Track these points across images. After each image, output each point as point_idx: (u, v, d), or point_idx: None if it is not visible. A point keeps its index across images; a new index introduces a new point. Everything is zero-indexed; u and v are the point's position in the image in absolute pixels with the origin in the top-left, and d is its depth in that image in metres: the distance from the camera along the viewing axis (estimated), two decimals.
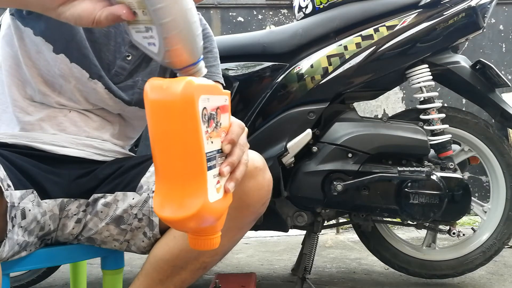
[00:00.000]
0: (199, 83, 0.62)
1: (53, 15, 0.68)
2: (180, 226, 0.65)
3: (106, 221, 0.94)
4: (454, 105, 2.75)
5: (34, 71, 0.94)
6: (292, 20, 3.19)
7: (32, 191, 0.86)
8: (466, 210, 1.55)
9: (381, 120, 1.58)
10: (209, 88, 0.65)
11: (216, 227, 0.68)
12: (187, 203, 0.61)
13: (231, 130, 0.70)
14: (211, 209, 0.63)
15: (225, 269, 2.01)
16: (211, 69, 1.06)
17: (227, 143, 0.68)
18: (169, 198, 0.62)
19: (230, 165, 0.68)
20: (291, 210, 1.59)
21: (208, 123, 0.63)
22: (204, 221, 0.64)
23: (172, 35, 0.63)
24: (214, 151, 0.65)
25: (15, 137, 0.94)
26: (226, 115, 0.70)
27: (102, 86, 0.96)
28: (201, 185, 0.62)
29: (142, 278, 0.94)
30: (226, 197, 0.68)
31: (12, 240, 0.80)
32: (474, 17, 1.52)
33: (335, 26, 1.54)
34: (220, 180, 0.67)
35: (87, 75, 0.94)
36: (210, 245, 0.68)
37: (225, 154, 0.69)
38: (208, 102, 0.63)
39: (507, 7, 3.24)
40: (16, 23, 0.93)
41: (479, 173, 3.05)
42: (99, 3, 0.66)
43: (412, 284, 1.79)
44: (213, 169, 0.65)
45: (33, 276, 1.72)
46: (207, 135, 0.63)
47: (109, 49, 0.96)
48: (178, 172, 0.62)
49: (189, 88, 0.60)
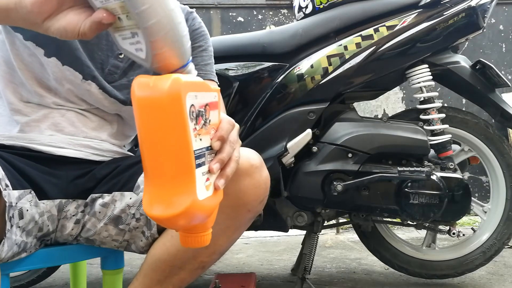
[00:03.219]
0: (186, 80, 0.62)
1: (41, 31, 0.68)
2: (170, 224, 0.65)
3: (104, 221, 0.94)
4: (454, 105, 2.74)
5: (28, 74, 0.94)
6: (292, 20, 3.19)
7: (30, 191, 0.86)
8: (466, 210, 1.55)
9: (381, 120, 1.58)
10: (196, 85, 0.65)
11: (206, 224, 0.68)
12: (175, 201, 0.61)
13: (221, 126, 0.69)
14: (201, 207, 0.63)
15: (225, 269, 2.01)
16: (206, 68, 1.05)
17: (216, 140, 0.67)
18: (157, 196, 0.62)
19: (220, 162, 0.67)
20: (291, 210, 1.59)
21: (196, 120, 0.63)
22: (193, 218, 0.63)
23: (158, 37, 0.62)
24: (203, 148, 0.65)
25: (12, 138, 0.94)
26: (216, 112, 0.69)
27: (96, 86, 0.96)
28: (189, 182, 0.62)
29: (140, 279, 0.94)
30: (217, 194, 0.68)
31: (11, 240, 0.80)
32: (474, 17, 1.52)
33: (335, 26, 1.54)
34: (209, 178, 0.66)
35: (80, 76, 0.94)
36: (201, 242, 0.68)
37: (215, 151, 0.68)
38: (196, 99, 0.63)
39: (507, 7, 3.24)
40: (7, 28, 0.92)
41: (479, 173, 3.05)
42: (83, 14, 0.65)
43: (412, 284, 1.78)
44: (202, 166, 0.64)
45: (33, 276, 1.72)
46: (195, 132, 0.63)
47: (101, 48, 0.96)
48: (166, 170, 0.62)
49: (176, 85, 0.60)
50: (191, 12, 1.08)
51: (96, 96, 0.97)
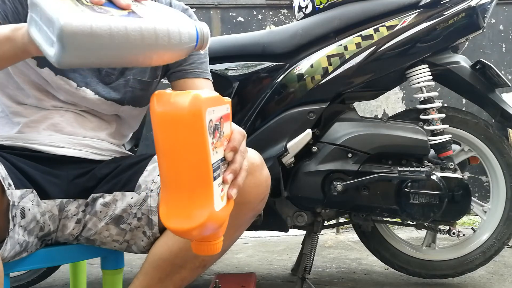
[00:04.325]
0: (205, 97, 0.63)
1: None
2: (186, 235, 0.66)
3: (105, 221, 0.94)
4: (454, 105, 2.74)
5: (25, 79, 0.94)
6: (292, 20, 3.19)
7: (32, 190, 0.86)
8: (466, 210, 1.55)
9: (381, 120, 1.57)
10: (214, 100, 0.66)
11: (218, 233, 0.69)
12: (194, 213, 0.62)
13: (233, 137, 0.71)
14: (217, 218, 0.64)
15: (225, 269, 2.01)
16: (202, 66, 1.06)
17: (230, 151, 0.69)
18: (176, 208, 0.63)
19: (233, 172, 0.69)
20: (291, 210, 1.59)
21: (213, 134, 0.64)
22: (209, 229, 0.65)
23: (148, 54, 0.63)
24: (218, 161, 0.66)
25: (12, 139, 0.94)
26: (228, 123, 0.71)
27: (92, 92, 0.96)
28: (208, 195, 0.63)
29: (141, 277, 0.94)
30: (229, 203, 0.70)
31: (13, 239, 0.80)
32: (474, 17, 1.52)
33: (335, 26, 1.54)
34: (223, 188, 0.68)
35: (74, 84, 0.95)
36: (213, 250, 0.69)
37: (228, 161, 0.70)
38: (213, 113, 0.64)
39: (507, 7, 3.24)
40: None
41: (479, 173, 3.04)
42: None
43: (412, 284, 1.78)
44: (218, 178, 0.66)
45: (33, 276, 1.72)
46: (213, 146, 0.64)
47: None
48: (185, 183, 0.63)
49: (196, 101, 0.61)
50: (186, 9, 1.09)
51: (92, 101, 0.97)
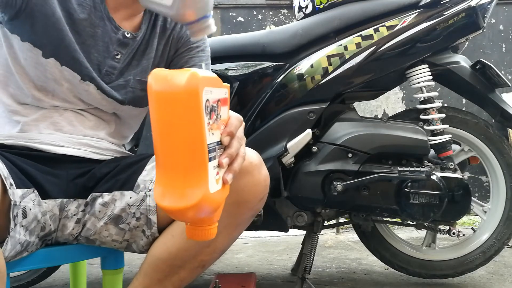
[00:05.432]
0: (203, 75, 0.62)
1: None
2: (180, 216, 0.66)
3: (104, 220, 0.94)
4: (454, 105, 2.74)
5: (25, 78, 0.94)
6: (292, 20, 3.19)
7: (33, 190, 0.86)
8: (466, 210, 1.55)
9: (381, 120, 1.57)
10: (211, 80, 0.66)
11: (213, 218, 0.69)
12: (188, 193, 0.62)
13: (230, 122, 0.71)
14: (211, 200, 0.64)
15: (225, 269, 2.01)
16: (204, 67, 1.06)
17: (226, 135, 0.69)
18: (170, 187, 0.63)
19: (229, 156, 0.69)
20: (291, 210, 1.59)
21: (209, 115, 0.64)
22: (203, 211, 0.64)
23: None
24: (214, 143, 0.66)
25: (12, 138, 0.94)
26: (226, 107, 0.71)
27: (95, 87, 0.96)
28: (202, 175, 0.63)
29: (140, 278, 0.94)
30: (224, 188, 0.69)
31: (14, 239, 0.80)
32: (474, 17, 1.52)
33: (335, 26, 1.54)
34: (219, 171, 0.68)
35: (79, 77, 0.95)
36: (207, 235, 0.69)
37: (224, 146, 0.70)
38: (210, 94, 0.64)
39: (507, 7, 3.24)
40: (4, 30, 0.92)
41: (479, 173, 3.05)
42: None
43: (412, 284, 1.78)
44: (213, 160, 0.66)
45: (33, 276, 1.72)
46: (209, 126, 0.64)
47: (98, 49, 0.96)
48: (180, 162, 0.62)
49: (193, 80, 0.61)
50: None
51: (94, 96, 0.97)
